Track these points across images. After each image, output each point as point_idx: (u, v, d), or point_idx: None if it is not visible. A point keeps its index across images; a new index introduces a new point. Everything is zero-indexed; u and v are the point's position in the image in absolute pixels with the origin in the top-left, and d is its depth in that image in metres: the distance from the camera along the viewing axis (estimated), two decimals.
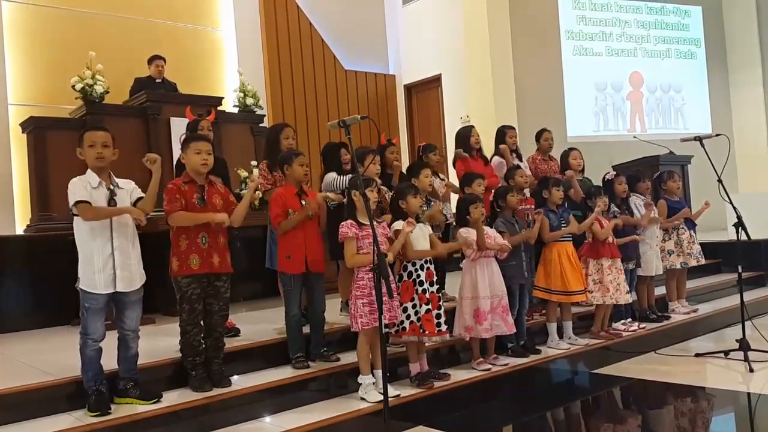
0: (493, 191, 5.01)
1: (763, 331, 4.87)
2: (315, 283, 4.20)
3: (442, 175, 5.66)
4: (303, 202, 4.07)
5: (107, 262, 3.42)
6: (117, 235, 3.46)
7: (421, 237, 4.12)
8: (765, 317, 6.07)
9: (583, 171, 5.92)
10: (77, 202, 3.38)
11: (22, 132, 6.66)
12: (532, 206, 5.20)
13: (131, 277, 3.51)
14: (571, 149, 5.98)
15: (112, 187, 3.50)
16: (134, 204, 3.54)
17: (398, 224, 4.03)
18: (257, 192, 5.77)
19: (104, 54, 7.07)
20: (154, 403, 3.50)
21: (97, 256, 3.41)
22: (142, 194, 3.59)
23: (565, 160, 5.92)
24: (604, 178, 5.74)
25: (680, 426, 3.91)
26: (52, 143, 6.17)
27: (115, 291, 3.44)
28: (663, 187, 6.14)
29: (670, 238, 6.03)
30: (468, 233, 4.42)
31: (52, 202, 6.11)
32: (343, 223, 3.91)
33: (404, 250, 4.00)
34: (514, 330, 4.55)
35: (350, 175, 4.48)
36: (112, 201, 3.46)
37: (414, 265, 4.05)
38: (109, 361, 3.55)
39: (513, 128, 5.98)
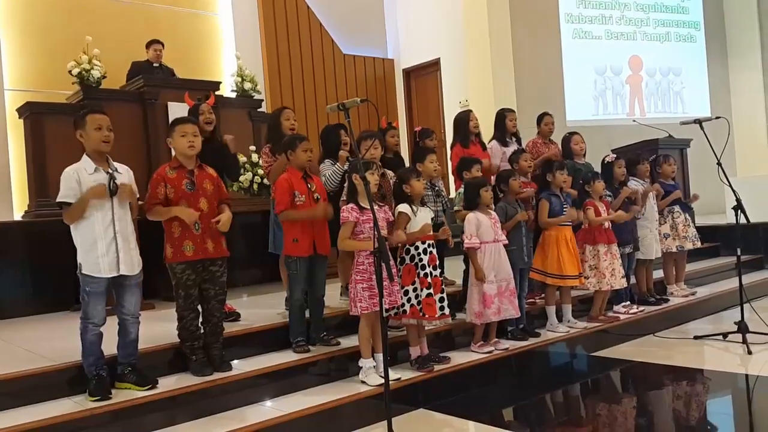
0: (495, 175, 5.00)
1: (761, 314, 4.90)
2: (318, 267, 4.19)
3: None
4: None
5: (110, 245, 3.43)
6: (118, 218, 3.47)
7: (423, 221, 4.09)
8: (763, 300, 6.10)
9: (584, 155, 5.90)
10: (61, 203, 3.41)
11: (19, 117, 6.60)
12: (534, 190, 5.18)
13: (132, 260, 3.52)
14: (572, 134, 5.95)
15: (110, 170, 3.50)
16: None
17: (402, 207, 4.03)
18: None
19: (101, 39, 7.00)
20: (148, 389, 3.50)
21: (100, 240, 3.41)
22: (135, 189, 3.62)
23: (566, 145, 5.88)
24: (603, 160, 5.72)
25: (678, 408, 3.93)
26: (49, 128, 6.12)
27: (118, 274, 3.45)
28: (658, 170, 6.15)
29: (665, 222, 6.04)
30: (476, 218, 4.42)
31: (50, 187, 6.06)
32: (345, 207, 3.90)
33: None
34: (519, 314, 4.58)
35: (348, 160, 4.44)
36: (112, 184, 3.45)
37: (417, 248, 4.04)
38: (110, 346, 3.55)
39: (513, 111, 5.93)
